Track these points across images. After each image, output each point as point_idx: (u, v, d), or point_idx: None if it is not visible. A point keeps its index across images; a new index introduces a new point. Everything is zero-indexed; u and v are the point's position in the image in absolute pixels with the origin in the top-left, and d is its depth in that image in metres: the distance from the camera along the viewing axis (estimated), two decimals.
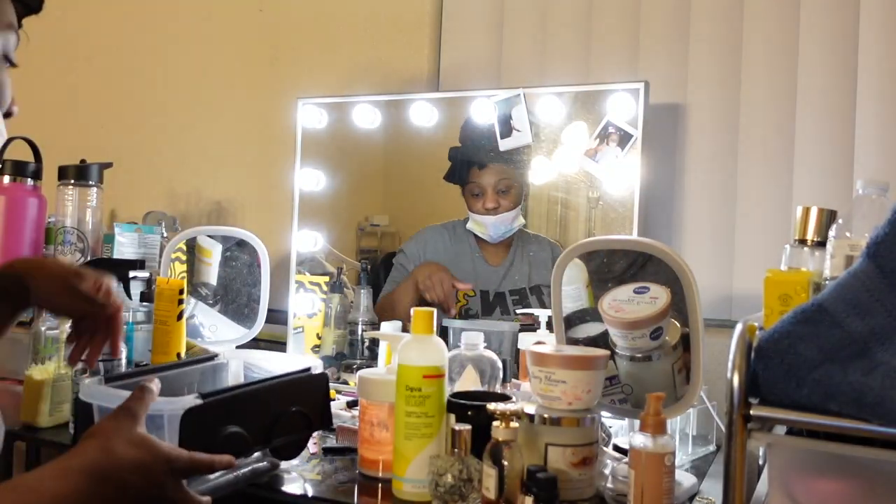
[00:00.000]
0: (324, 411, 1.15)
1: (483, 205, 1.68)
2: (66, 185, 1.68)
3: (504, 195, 1.67)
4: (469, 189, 1.71)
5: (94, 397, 1.00)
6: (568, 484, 1.00)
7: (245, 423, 0.99)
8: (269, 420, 1.04)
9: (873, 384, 0.72)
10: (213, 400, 0.97)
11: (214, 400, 0.97)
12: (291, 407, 1.08)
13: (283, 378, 1.10)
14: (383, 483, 1.10)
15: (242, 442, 0.98)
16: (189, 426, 0.92)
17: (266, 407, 1.05)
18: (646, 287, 1.11)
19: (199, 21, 2.21)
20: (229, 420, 0.98)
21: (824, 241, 1.04)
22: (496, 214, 1.67)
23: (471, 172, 1.69)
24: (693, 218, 1.61)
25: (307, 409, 1.10)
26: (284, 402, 1.08)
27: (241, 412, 1.00)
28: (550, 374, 1.03)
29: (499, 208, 1.67)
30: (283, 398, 1.08)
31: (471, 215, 1.71)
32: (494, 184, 1.67)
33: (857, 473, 0.78)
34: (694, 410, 1.28)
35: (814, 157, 1.49)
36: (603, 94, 1.54)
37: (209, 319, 1.78)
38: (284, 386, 1.09)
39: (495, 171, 1.67)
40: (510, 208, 1.67)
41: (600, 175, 1.54)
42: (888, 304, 0.75)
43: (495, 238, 1.70)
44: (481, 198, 1.68)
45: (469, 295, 1.69)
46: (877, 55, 1.42)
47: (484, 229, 1.69)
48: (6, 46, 0.81)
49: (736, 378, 0.78)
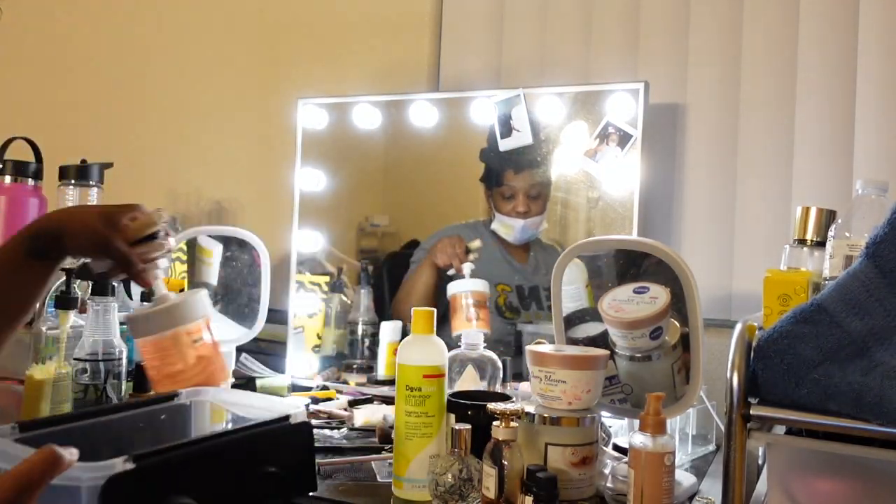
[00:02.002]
0: (305, 471, 0.93)
1: (514, 207, 1.67)
2: (67, 186, 1.68)
3: (534, 200, 1.66)
4: (501, 191, 1.69)
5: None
6: (568, 483, 1.00)
7: (199, 492, 0.76)
8: (232, 486, 0.82)
9: (872, 384, 0.72)
10: (152, 462, 0.74)
11: (153, 462, 0.74)
12: (263, 467, 0.85)
13: (251, 430, 0.88)
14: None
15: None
16: (116, 499, 0.70)
17: (229, 468, 0.83)
18: (646, 287, 1.11)
19: (200, 21, 2.21)
20: (176, 488, 0.75)
21: (824, 241, 1.04)
22: (526, 218, 1.66)
23: (506, 175, 1.69)
24: (693, 218, 1.61)
25: (284, 468, 0.87)
26: (254, 460, 0.85)
27: (193, 477, 0.79)
28: (550, 374, 1.03)
29: (529, 212, 1.66)
30: (251, 456, 0.85)
31: (498, 216, 1.68)
32: (527, 188, 1.66)
33: (856, 473, 0.79)
34: (694, 410, 1.28)
35: (814, 157, 1.49)
36: (603, 95, 1.54)
37: None
38: (253, 439, 0.87)
39: (530, 175, 1.66)
40: (539, 213, 1.66)
41: (600, 175, 1.54)
42: (887, 304, 0.75)
43: (520, 241, 1.69)
44: (513, 200, 1.67)
45: (473, 250, 1.70)
46: (877, 55, 1.42)
47: (511, 231, 1.68)
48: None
49: (735, 378, 0.78)
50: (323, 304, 1.77)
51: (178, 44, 2.24)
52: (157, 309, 1.06)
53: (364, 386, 1.63)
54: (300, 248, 1.83)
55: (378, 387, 1.61)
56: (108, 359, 1.26)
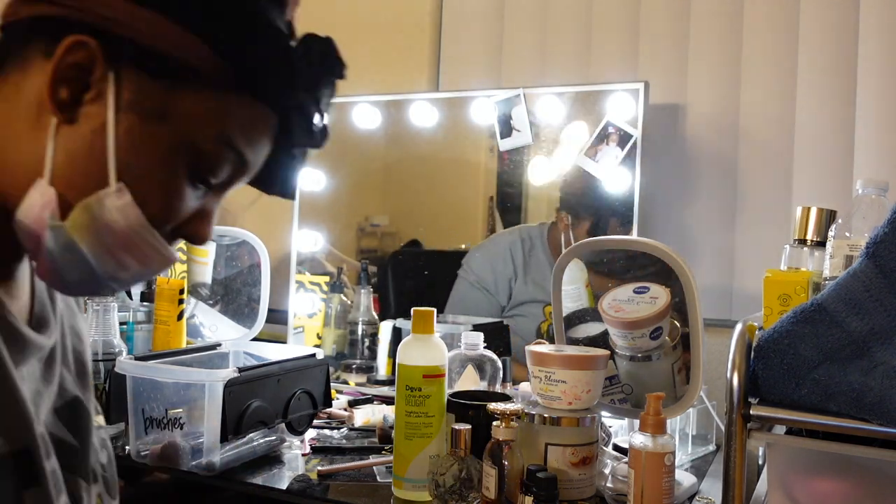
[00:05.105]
0: (326, 393, 1.27)
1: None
2: None
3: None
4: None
5: (128, 370, 1.15)
6: (568, 483, 1.00)
7: (266, 399, 1.13)
8: (285, 397, 1.17)
9: (872, 384, 0.72)
10: (245, 375, 1.11)
11: (246, 375, 1.11)
12: (300, 387, 1.20)
13: (294, 361, 1.22)
14: None
15: (267, 414, 1.13)
16: (230, 393, 1.06)
17: (281, 386, 1.17)
18: (646, 287, 1.11)
19: None
20: (255, 395, 1.11)
21: (824, 241, 1.04)
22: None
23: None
24: (693, 218, 1.61)
25: (313, 389, 1.23)
26: (294, 383, 1.20)
27: (263, 389, 1.13)
28: (550, 374, 1.03)
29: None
30: (293, 379, 1.20)
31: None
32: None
33: (856, 473, 0.79)
34: (694, 410, 1.28)
35: (814, 157, 1.49)
36: (603, 94, 1.54)
37: (209, 319, 1.78)
38: (294, 368, 1.21)
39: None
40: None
41: (600, 175, 1.54)
42: (887, 303, 0.75)
43: None
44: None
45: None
46: (877, 55, 1.42)
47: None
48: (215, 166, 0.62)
49: (735, 378, 0.78)
50: (323, 304, 1.77)
51: None
52: None
53: (364, 386, 1.63)
54: (300, 248, 1.83)
55: (378, 387, 1.61)
56: (108, 359, 1.26)
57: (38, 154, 0.56)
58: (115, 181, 0.56)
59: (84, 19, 0.55)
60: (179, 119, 0.57)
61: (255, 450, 1.18)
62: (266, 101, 0.61)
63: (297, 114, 0.63)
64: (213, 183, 0.62)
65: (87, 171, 0.56)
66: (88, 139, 0.56)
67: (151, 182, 0.58)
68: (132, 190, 0.56)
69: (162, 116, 0.57)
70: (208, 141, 0.59)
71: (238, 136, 0.60)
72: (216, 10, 0.57)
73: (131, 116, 0.56)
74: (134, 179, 0.57)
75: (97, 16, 0.55)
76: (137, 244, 0.58)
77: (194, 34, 0.56)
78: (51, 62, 0.55)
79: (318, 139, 0.66)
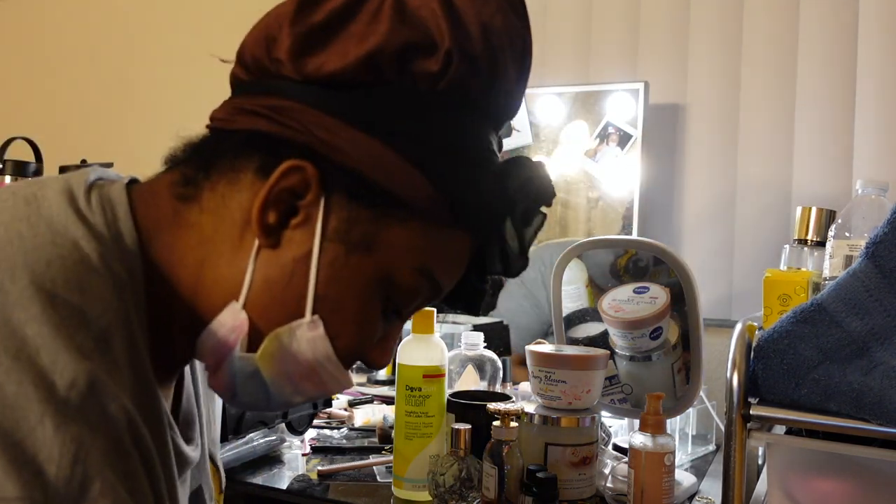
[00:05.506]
0: None
1: None
2: None
3: None
4: None
5: None
6: (568, 484, 1.00)
7: None
8: None
9: (872, 384, 0.72)
10: None
11: None
12: None
13: None
14: None
15: (267, 413, 1.12)
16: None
17: None
18: (645, 287, 1.11)
19: (201, 21, 2.21)
20: None
21: (824, 241, 1.04)
22: None
23: None
24: (693, 218, 1.61)
25: None
26: None
27: None
28: (550, 374, 1.03)
29: None
30: None
31: None
32: None
33: (856, 473, 0.79)
34: (693, 410, 1.28)
35: (813, 157, 1.49)
36: (603, 94, 1.54)
37: None
38: None
39: None
40: None
41: (600, 175, 1.54)
42: (887, 303, 0.75)
43: None
44: None
45: None
46: (877, 55, 1.42)
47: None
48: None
49: (735, 378, 0.78)
50: None
51: (179, 44, 2.24)
52: None
53: (364, 386, 1.63)
54: None
55: (378, 387, 1.61)
56: None
57: (237, 277, 0.53)
58: (310, 313, 0.53)
59: (304, 141, 0.51)
60: (384, 251, 0.53)
61: (255, 449, 1.19)
62: (476, 235, 0.57)
63: (499, 245, 0.58)
64: (404, 313, 0.59)
65: (283, 300, 0.53)
66: (290, 268, 0.52)
67: (345, 315, 0.54)
68: (325, 322, 0.53)
69: (367, 248, 0.53)
70: (408, 273, 0.55)
71: (439, 269, 0.56)
72: (438, 142, 0.53)
73: (337, 246, 0.52)
74: (328, 312, 0.53)
75: (318, 140, 0.51)
76: (319, 374, 0.55)
77: (413, 165, 0.52)
78: (263, 183, 0.52)
79: (515, 270, 0.60)
